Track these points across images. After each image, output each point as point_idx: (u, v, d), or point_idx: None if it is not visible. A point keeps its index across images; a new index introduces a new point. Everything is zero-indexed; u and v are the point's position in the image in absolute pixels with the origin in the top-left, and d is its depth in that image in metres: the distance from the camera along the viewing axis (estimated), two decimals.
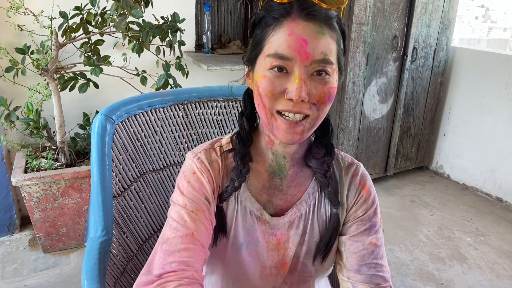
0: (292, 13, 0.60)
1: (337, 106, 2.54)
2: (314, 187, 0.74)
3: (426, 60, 2.71)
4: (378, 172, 2.85)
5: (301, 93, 0.59)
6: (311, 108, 0.62)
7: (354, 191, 0.75)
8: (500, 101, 2.64)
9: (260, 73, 0.63)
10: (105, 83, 1.99)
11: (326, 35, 0.60)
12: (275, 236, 0.73)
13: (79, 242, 1.97)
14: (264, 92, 0.62)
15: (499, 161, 2.69)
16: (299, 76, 0.59)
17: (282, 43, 0.60)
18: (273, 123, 0.64)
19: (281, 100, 0.62)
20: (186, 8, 2.31)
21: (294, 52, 0.59)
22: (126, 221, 0.93)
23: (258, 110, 0.67)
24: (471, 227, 2.38)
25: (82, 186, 1.87)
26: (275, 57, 0.60)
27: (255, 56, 0.65)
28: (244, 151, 0.71)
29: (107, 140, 0.90)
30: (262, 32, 0.63)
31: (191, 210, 0.66)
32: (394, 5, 2.43)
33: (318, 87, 0.61)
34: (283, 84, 0.61)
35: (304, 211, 0.73)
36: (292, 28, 0.59)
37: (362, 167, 0.77)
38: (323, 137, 0.73)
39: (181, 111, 1.07)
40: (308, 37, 0.59)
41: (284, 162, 0.72)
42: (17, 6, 1.76)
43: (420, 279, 1.90)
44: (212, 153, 0.72)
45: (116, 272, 0.85)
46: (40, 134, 1.90)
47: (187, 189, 0.68)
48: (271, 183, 0.73)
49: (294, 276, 0.76)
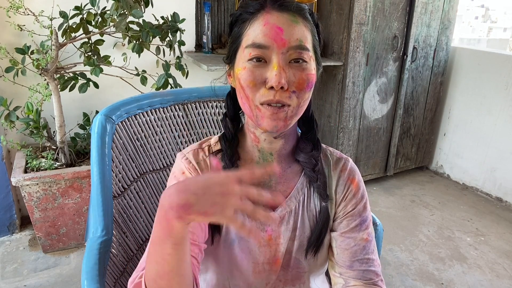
0: (266, 6, 0.64)
1: (337, 106, 2.54)
2: (303, 182, 0.75)
3: (426, 60, 2.71)
4: (378, 172, 2.85)
5: (280, 79, 0.61)
6: (291, 97, 0.64)
7: (343, 186, 0.76)
8: (500, 101, 2.64)
9: (240, 66, 0.65)
10: (105, 83, 1.99)
11: (300, 24, 0.64)
12: (266, 232, 0.74)
13: (79, 242, 1.97)
14: (245, 83, 0.64)
15: (499, 161, 2.69)
16: (277, 63, 0.62)
17: (258, 33, 0.63)
18: (257, 114, 0.65)
19: (263, 90, 0.63)
20: (186, 8, 2.30)
21: (271, 40, 0.62)
22: (126, 221, 0.93)
23: (241, 104, 0.68)
24: (471, 227, 2.38)
25: (82, 186, 1.87)
26: (253, 47, 0.63)
27: (234, 51, 0.67)
28: (231, 151, 0.72)
29: (107, 140, 0.90)
30: (239, 28, 0.67)
31: None
32: (394, 5, 2.43)
33: (297, 74, 0.63)
34: (263, 73, 0.63)
35: (293, 206, 0.74)
36: (267, 18, 0.63)
37: (351, 161, 0.79)
38: (309, 133, 0.75)
39: (181, 111, 1.07)
40: (283, 25, 0.62)
41: (272, 159, 0.74)
42: (17, 6, 1.76)
43: (420, 279, 1.90)
44: (200, 153, 0.74)
45: (116, 272, 0.85)
46: (40, 134, 1.90)
47: None
48: (260, 181, 0.74)
49: (288, 272, 0.76)
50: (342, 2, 2.37)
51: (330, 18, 2.49)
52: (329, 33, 2.51)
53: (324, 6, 2.53)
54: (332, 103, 2.58)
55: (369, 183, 2.84)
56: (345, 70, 2.43)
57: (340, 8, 2.39)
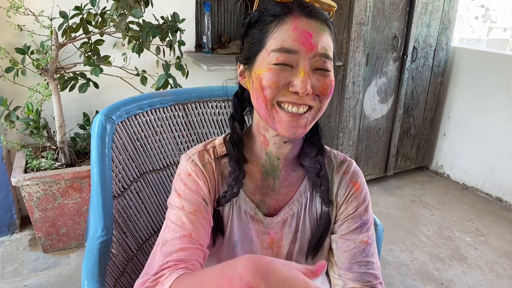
0: (294, 11, 0.63)
1: (337, 106, 2.54)
2: (306, 186, 0.75)
3: (426, 60, 2.71)
4: (378, 172, 2.85)
5: (307, 86, 0.61)
6: (315, 99, 0.64)
7: (345, 189, 0.75)
8: (500, 101, 2.64)
9: (263, 67, 0.63)
10: (105, 83, 1.99)
11: (326, 33, 0.64)
12: (269, 235, 0.74)
13: (79, 242, 1.97)
14: (268, 83, 0.62)
15: (499, 161, 2.69)
16: (304, 69, 0.61)
17: (287, 38, 0.61)
18: (274, 116, 0.64)
19: (284, 92, 0.63)
20: (186, 8, 2.30)
21: (300, 45, 0.61)
22: (126, 221, 0.93)
23: (257, 105, 0.67)
24: (471, 227, 2.38)
25: (82, 186, 1.87)
26: (281, 51, 0.62)
27: (255, 53, 0.65)
28: (238, 155, 0.71)
29: (107, 140, 0.90)
30: (261, 30, 0.65)
31: (189, 211, 0.67)
32: (394, 5, 2.43)
33: (320, 79, 0.63)
34: (287, 77, 0.62)
35: (296, 209, 0.74)
36: (296, 23, 0.62)
37: (354, 164, 0.78)
38: (314, 138, 0.74)
39: (181, 111, 1.07)
40: (312, 31, 0.62)
41: (278, 162, 0.73)
42: (17, 6, 1.76)
43: (420, 279, 1.90)
44: (205, 155, 0.73)
45: (116, 272, 0.85)
46: (40, 134, 1.90)
47: (184, 191, 0.69)
48: (264, 183, 0.74)
49: None
50: (342, 2, 2.37)
51: None
52: None
53: None
54: (332, 103, 2.58)
55: (369, 183, 2.84)
56: (345, 70, 2.43)
57: (340, 8, 2.39)
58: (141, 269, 0.96)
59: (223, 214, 0.73)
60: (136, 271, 0.93)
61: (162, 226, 1.01)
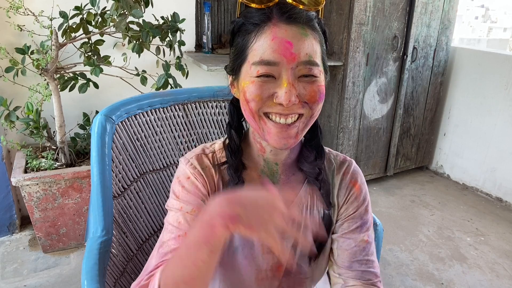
0: (273, 18, 0.60)
1: (337, 106, 2.54)
2: (306, 190, 0.74)
3: (426, 60, 2.71)
4: (378, 172, 2.85)
5: (290, 97, 0.59)
6: (304, 106, 0.62)
7: (345, 189, 0.75)
8: (500, 101, 2.64)
9: (247, 80, 0.62)
10: (105, 83, 1.99)
11: (310, 37, 0.61)
12: None
13: (79, 242, 1.97)
14: (251, 97, 0.61)
15: (499, 161, 2.69)
16: (287, 79, 0.59)
17: (267, 49, 0.59)
18: (263, 127, 0.64)
19: (269, 103, 0.61)
20: (186, 8, 2.30)
21: (280, 56, 0.59)
22: (126, 221, 0.93)
23: (246, 117, 0.66)
24: (471, 227, 2.38)
25: (82, 186, 1.87)
26: (261, 64, 0.60)
27: (239, 65, 0.64)
28: (236, 163, 0.70)
29: (107, 140, 0.90)
30: (243, 40, 0.63)
31: (186, 211, 0.67)
32: (394, 5, 2.43)
33: (307, 87, 0.61)
34: (271, 88, 0.61)
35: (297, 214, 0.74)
36: (275, 32, 0.59)
37: (354, 164, 0.77)
38: (313, 140, 0.73)
39: (181, 111, 1.07)
40: (292, 39, 0.59)
41: (276, 168, 0.73)
42: (17, 6, 1.76)
43: (420, 279, 1.90)
44: (204, 159, 0.72)
45: (116, 272, 0.85)
46: (40, 134, 1.90)
47: (182, 192, 0.69)
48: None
49: (290, 279, 0.76)
50: (342, 2, 2.37)
51: (330, 18, 2.49)
52: (329, 33, 2.51)
53: (324, 6, 2.53)
54: (332, 103, 2.58)
55: (369, 183, 2.84)
56: (345, 70, 2.43)
57: (340, 8, 2.39)
58: (141, 269, 0.96)
59: None
60: (136, 271, 0.93)
61: (162, 226, 1.01)
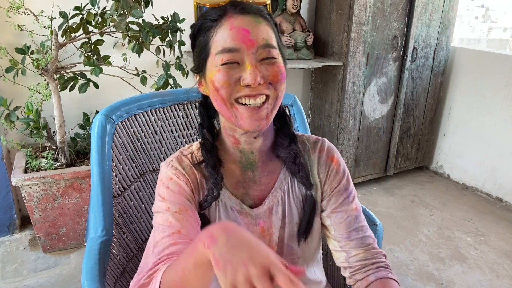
0: (228, 12, 0.66)
1: (337, 106, 2.54)
2: (285, 172, 0.78)
3: (426, 60, 2.71)
4: (378, 172, 2.85)
5: (256, 77, 0.63)
6: (269, 88, 0.66)
7: (324, 166, 0.79)
8: (500, 101, 2.64)
9: (213, 70, 0.66)
10: (105, 83, 1.99)
11: (263, 24, 0.67)
12: (258, 225, 0.76)
13: (79, 242, 1.97)
14: (220, 83, 0.65)
15: (499, 161, 2.69)
16: (250, 63, 0.64)
17: (226, 38, 0.64)
18: (235, 113, 0.67)
19: (238, 88, 0.65)
20: (186, 8, 2.30)
21: (239, 43, 0.64)
22: (126, 221, 0.93)
23: (218, 107, 0.69)
24: (471, 227, 2.38)
25: (82, 186, 1.87)
26: (224, 52, 0.64)
27: (203, 60, 0.69)
28: (213, 160, 0.73)
29: (107, 140, 0.90)
30: (204, 36, 0.68)
31: (174, 211, 0.69)
32: (394, 5, 2.43)
33: (269, 68, 0.66)
34: (236, 73, 0.65)
35: (280, 196, 0.77)
36: (232, 23, 0.65)
37: (327, 141, 0.82)
38: (284, 128, 0.77)
39: (181, 111, 1.07)
40: (248, 26, 0.65)
41: (253, 156, 0.76)
42: (17, 6, 1.76)
43: (420, 279, 1.90)
44: (183, 159, 0.75)
45: (116, 272, 0.85)
46: (40, 134, 1.90)
47: (167, 193, 0.71)
48: (245, 177, 0.76)
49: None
50: (342, 2, 2.37)
51: (330, 18, 2.49)
52: (329, 33, 2.51)
53: (324, 6, 2.53)
54: (332, 103, 2.58)
55: (369, 183, 2.84)
56: (345, 70, 2.43)
57: (340, 8, 2.39)
58: None
59: (209, 216, 0.75)
60: (136, 271, 0.93)
61: None
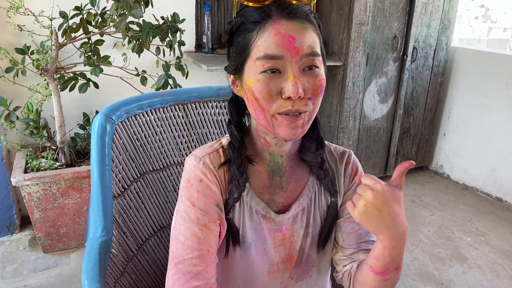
0: (273, 15, 0.62)
1: (337, 106, 2.54)
2: (313, 180, 0.77)
3: (426, 60, 2.71)
4: (378, 172, 2.84)
5: (298, 89, 0.61)
6: (307, 104, 0.64)
7: (348, 178, 0.80)
8: (500, 101, 2.64)
9: (252, 78, 0.64)
10: (105, 83, 1.99)
11: (309, 30, 0.64)
12: (281, 232, 0.74)
13: (79, 242, 1.97)
14: (261, 95, 0.63)
15: (499, 161, 2.69)
16: (292, 73, 0.61)
17: (270, 44, 0.61)
18: (273, 123, 0.65)
19: (280, 101, 0.63)
20: (186, 8, 2.30)
21: (284, 50, 0.61)
22: (126, 221, 0.93)
23: (255, 115, 0.67)
24: (471, 227, 2.38)
25: (82, 186, 1.87)
26: (266, 59, 0.62)
27: (242, 62, 0.66)
28: (239, 160, 0.70)
29: (107, 140, 0.90)
30: (244, 38, 0.64)
31: (203, 224, 0.66)
32: (394, 5, 2.43)
33: (311, 80, 0.63)
34: (278, 84, 0.62)
35: (305, 204, 0.76)
36: (277, 28, 0.61)
37: (353, 154, 0.82)
38: (312, 132, 0.76)
39: (181, 111, 1.07)
40: (294, 33, 0.61)
41: (282, 160, 0.74)
42: (17, 6, 1.76)
43: (420, 279, 1.90)
44: (216, 156, 0.72)
45: (116, 272, 0.85)
46: (40, 134, 1.90)
47: (198, 199, 0.67)
48: (272, 182, 0.75)
49: (299, 268, 0.78)
50: (342, 2, 2.37)
51: (330, 18, 2.49)
52: (329, 33, 2.51)
53: (324, 6, 2.53)
54: (332, 103, 2.58)
55: None
56: (345, 70, 2.43)
57: (340, 8, 2.39)
58: (141, 269, 0.96)
59: (233, 218, 0.72)
60: (136, 271, 0.93)
61: (162, 226, 1.01)
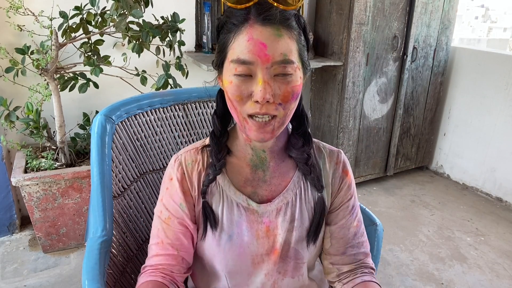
0: (250, 19, 0.64)
1: (337, 106, 2.54)
2: (299, 176, 0.78)
3: (426, 60, 2.71)
4: (378, 172, 2.85)
5: (265, 95, 0.63)
6: (277, 108, 0.66)
7: (338, 178, 0.80)
8: (500, 101, 2.64)
9: (227, 79, 0.66)
10: (105, 83, 1.99)
11: (284, 37, 0.64)
12: (264, 223, 0.75)
13: (79, 242, 1.97)
14: (233, 97, 0.66)
15: (499, 161, 2.69)
16: (262, 78, 0.63)
17: (243, 49, 0.63)
18: (245, 125, 0.68)
19: (249, 103, 0.65)
20: (186, 8, 2.30)
21: (255, 56, 0.62)
22: (126, 221, 0.93)
23: (231, 112, 0.70)
24: (471, 227, 2.38)
25: (82, 186, 1.87)
26: (238, 63, 0.64)
27: (221, 61, 0.69)
28: (218, 147, 0.75)
29: (107, 140, 0.90)
30: (224, 38, 0.67)
31: (164, 218, 0.75)
32: (394, 5, 2.43)
33: (282, 87, 0.65)
34: (249, 87, 0.64)
35: (290, 198, 0.76)
36: (251, 33, 0.63)
37: (342, 154, 0.83)
38: (300, 128, 0.77)
39: (181, 111, 1.07)
40: (266, 40, 0.62)
41: (264, 155, 0.76)
42: (17, 6, 1.76)
43: (420, 279, 1.90)
44: (194, 153, 0.77)
45: (116, 272, 0.85)
46: (40, 134, 1.90)
47: (165, 196, 0.76)
48: (254, 176, 0.76)
49: (287, 264, 0.78)
50: (342, 2, 2.37)
51: (330, 18, 2.49)
52: (329, 33, 2.51)
53: (324, 6, 2.53)
54: (332, 103, 2.58)
55: (369, 183, 2.84)
56: (345, 70, 2.43)
57: (340, 8, 2.39)
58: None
59: (216, 210, 0.75)
60: (136, 271, 0.93)
61: None
